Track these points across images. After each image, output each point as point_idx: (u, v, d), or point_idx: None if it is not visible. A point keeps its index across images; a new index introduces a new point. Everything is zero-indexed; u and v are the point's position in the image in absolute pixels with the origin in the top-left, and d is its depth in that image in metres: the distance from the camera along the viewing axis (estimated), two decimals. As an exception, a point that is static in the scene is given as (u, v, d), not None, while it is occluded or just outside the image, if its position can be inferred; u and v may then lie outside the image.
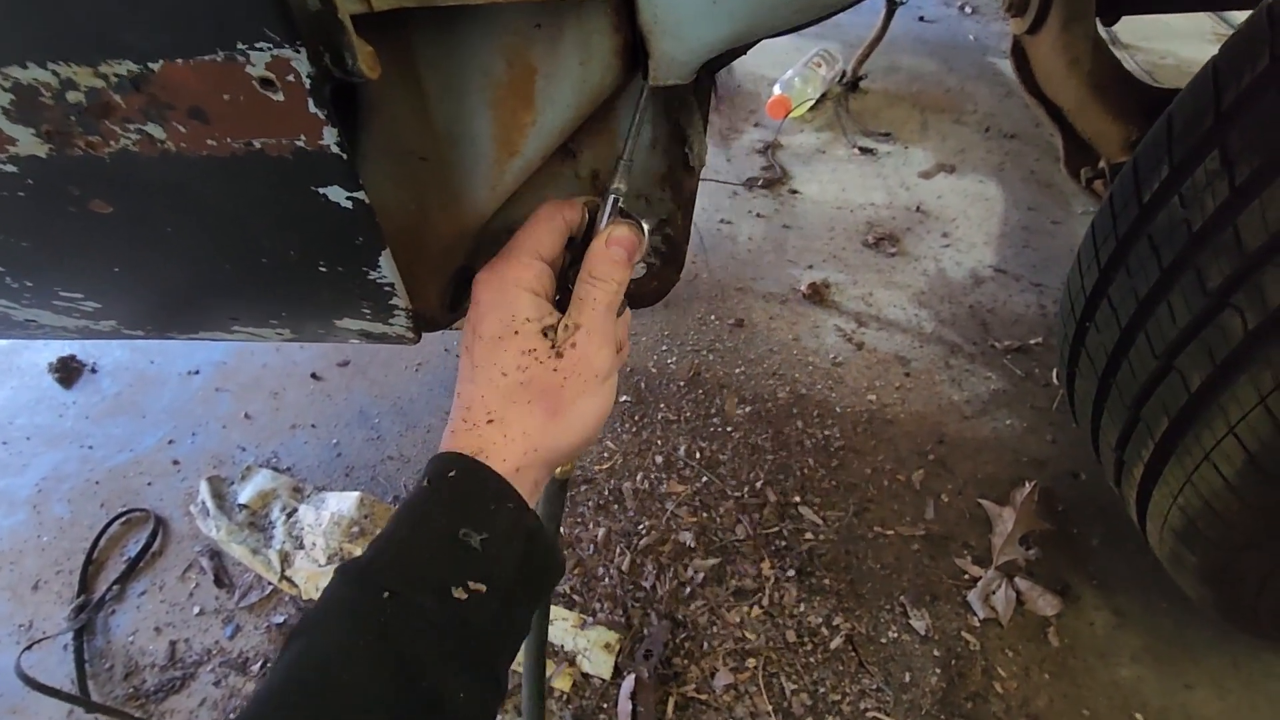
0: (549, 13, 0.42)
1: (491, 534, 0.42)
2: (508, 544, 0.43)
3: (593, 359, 0.47)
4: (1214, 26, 2.76)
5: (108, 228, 0.42)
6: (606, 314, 0.48)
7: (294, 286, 0.49)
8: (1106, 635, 1.13)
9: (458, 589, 0.40)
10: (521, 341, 0.47)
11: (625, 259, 0.49)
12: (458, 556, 0.41)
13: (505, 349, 0.46)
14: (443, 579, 0.40)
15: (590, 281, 0.48)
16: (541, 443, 0.46)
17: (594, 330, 0.47)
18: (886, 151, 2.16)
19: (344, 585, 0.41)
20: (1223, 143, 0.68)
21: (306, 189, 0.38)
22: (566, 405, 0.47)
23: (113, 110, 0.33)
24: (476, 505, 0.43)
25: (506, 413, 0.46)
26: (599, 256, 0.49)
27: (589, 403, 0.47)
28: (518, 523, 0.44)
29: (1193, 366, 0.72)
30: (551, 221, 0.50)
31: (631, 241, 0.50)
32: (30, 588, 1.19)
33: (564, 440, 0.47)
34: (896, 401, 1.46)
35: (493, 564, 0.42)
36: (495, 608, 0.41)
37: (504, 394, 0.46)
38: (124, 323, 0.57)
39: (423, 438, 1.39)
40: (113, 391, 1.48)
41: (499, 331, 0.47)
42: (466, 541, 0.41)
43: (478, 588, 0.40)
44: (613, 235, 0.49)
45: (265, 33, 0.30)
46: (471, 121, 0.47)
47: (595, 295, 0.48)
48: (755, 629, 1.12)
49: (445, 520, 0.42)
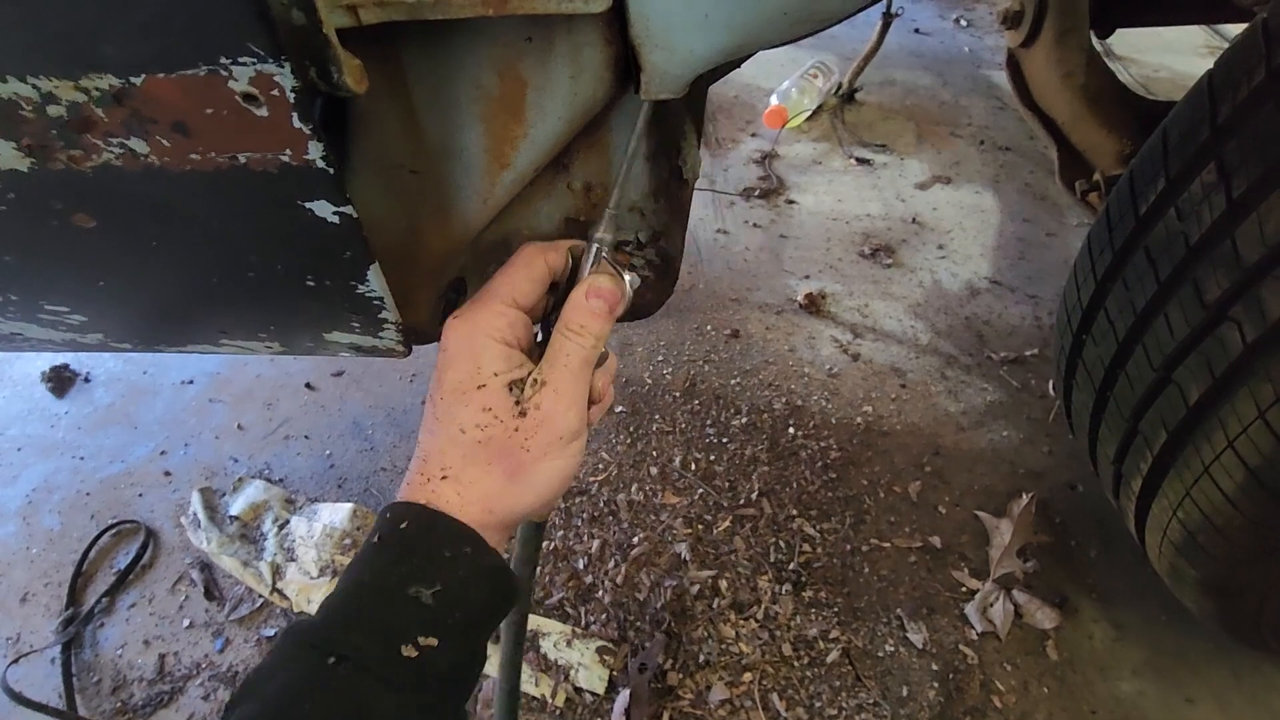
0: (540, 26, 0.42)
1: (446, 584, 0.40)
2: (466, 589, 0.41)
3: (558, 421, 0.45)
4: (1208, 39, 2.78)
5: (92, 241, 0.41)
6: (580, 370, 0.46)
7: (282, 300, 0.49)
8: (1106, 648, 1.12)
9: (407, 647, 0.38)
10: (484, 397, 0.44)
11: (605, 311, 0.47)
12: (409, 613, 0.39)
13: (467, 404, 0.44)
14: (393, 638, 0.38)
15: (566, 334, 0.46)
16: (498, 505, 0.44)
17: (562, 390, 0.45)
18: (882, 163, 2.17)
19: (292, 648, 0.39)
20: (1219, 156, 0.68)
21: (292, 203, 0.38)
22: (527, 468, 0.44)
23: (94, 124, 0.33)
24: (429, 556, 0.41)
25: (463, 471, 0.44)
26: (578, 308, 0.46)
27: (551, 465, 0.45)
28: (477, 565, 0.42)
29: (1191, 379, 0.72)
30: (531, 267, 0.48)
31: (613, 294, 0.47)
32: (18, 600, 1.17)
33: (522, 503, 0.45)
34: (893, 413, 1.46)
35: (448, 614, 0.40)
36: (451, 656, 0.40)
37: (462, 451, 0.44)
38: (111, 336, 0.56)
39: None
40: (105, 402, 1.47)
41: (463, 384, 0.45)
42: (418, 597, 0.39)
43: (429, 643, 0.39)
44: (593, 286, 0.47)
45: (248, 47, 0.29)
46: (462, 135, 0.47)
47: (569, 350, 0.46)
48: (751, 643, 1.11)
49: (396, 576, 0.40)
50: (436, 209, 0.52)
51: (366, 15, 0.36)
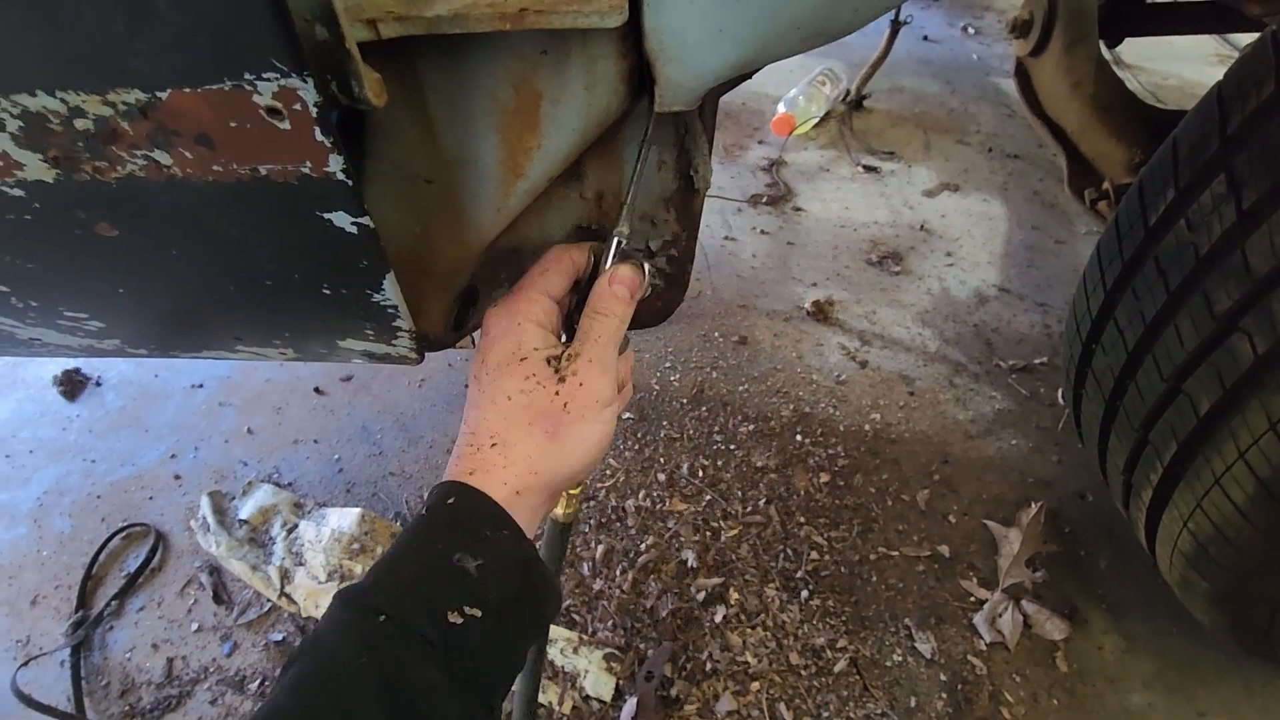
0: (555, 39, 0.43)
1: (487, 560, 0.43)
2: (504, 571, 0.43)
3: (594, 385, 0.48)
4: (1217, 48, 2.78)
5: (113, 250, 0.42)
6: (609, 345, 0.50)
7: (298, 309, 0.49)
8: (1116, 660, 1.11)
9: (453, 613, 0.40)
10: (526, 367, 0.48)
11: (627, 296, 0.52)
12: (454, 581, 0.41)
13: (510, 374, 0.48)
14: (438, 603, 0.40)
15: (593, 316, 0.50)
16: (542, 465, 0.47)
17: (596, 359, 0.49)
18: (890, 170, 2.17)
19: (342, 609, 0.41)
20: (1229, 167, 0.68)
21: (311, 214, 0.38)
22: (567, 429, 0.47)
23: (120, 137, 0.33)
24: (473, 532, 0.44)
25: (509, 434, 0.47)
26: (602, 293, 0.51)
27: (590, 428, 0.48)
28: (514, 551, 0.45)
29: (1202, 390, 0.71)
30: (559, 264, 0.53)
31: (634, 280, 0.52)
32: (29, 602, 1.18)
33: (564, 464, 0.48)
34: (901, 421, 1.45)
35: (488, 590, 0.42)
36: (490, 633, 0.42)
37: (507, 416, 0.48)
38: (127, 342, 0.57)
39: (425, 454, 1.39)
40: (116, 405, 1.48)
41: (507, 359, 0.49)
42: (462, 566, 0.42)
43: (473, 613, 0.41)
44: (616, 274, 0.52)
45: (273, 63, 0.30)
46: (477, 146, 0.47)
47: (598, 328, 0.50)
48: (758, 652, 1.11)
49: (442, 546, 0.43)
50: (451, 218, 0.52)
51: (386, 30, 0.37)
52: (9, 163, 0.35)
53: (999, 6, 3.24)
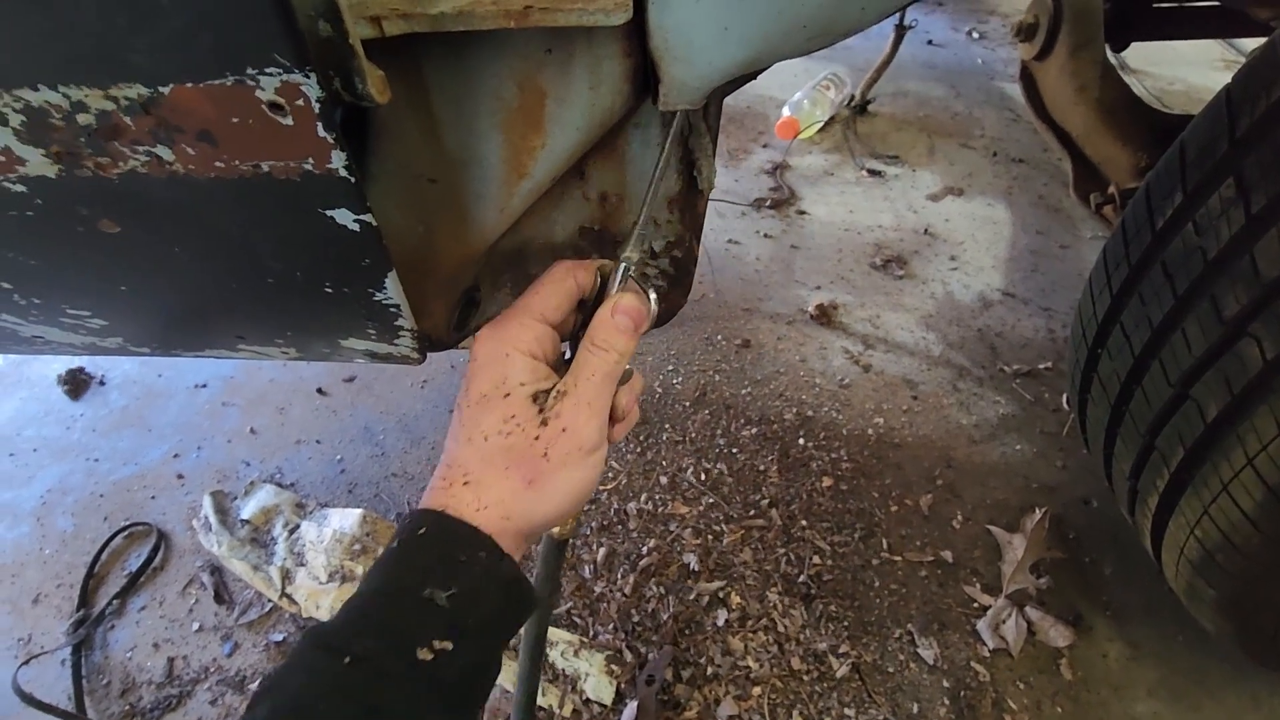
0: (560, 38, 0.42)
1: (461, 587, 0.41)
2: (481, 594, 0.42)
3: (579, 431, 0.45)
4: (1223, 53, 2.77)
5: (115, 247, 0.42)
6: (602, 384, 0.47)
7: (300, 307, 0.49)
8: (1121, 668, 1.10)
9: (423, 649, 0.39)
10: (508, 406, 0.46)
11: (630, 329, 0.48)
12: (425, 615, 0.40)
13: (491, 411, 0.46)
14: (408, 641, 0.39)
15: (591, 349, 0.47)
16: (515, 510, 0.44)
17: (584, 401, 0.46)
18: (894, 174, 2.17)
19: (309, 650, 0.40)
20: (1238, 170, 0.67)
21: (314, 211, 0.38)
22: (545, 476, 0.45)
23: (122, 132, 0.33)
24: (444, 559, 0.42)
25: (483, 476, 0.45)
26: (603, 324, 0.47)
27: (570, 475, 0.45)
28: (491, 572, 0.43)
29: (1209, 396, 0.71)
30: (561, 283, 0.49)
31: (639, 312, 0.48)
32: (31, 601, 1.18)
33: (539, 511, 0.45)
34: (904, 425, 1.45)
35: (463, 618, 0.41)
36: (465, 661, 0.40)
37: (483, 457, 0.45)
38: (130, 340, 0.57)
39: (427, 455, 1.39)
40: (120, 404, 1.48)
41: (488, 393, 0.46)
42: (432, 599, 0.40)
43: (444, 646, 0.39)
44: (620, 304, 0.48)
45: (275, 58, 0.30)
46: (481, 144, 0.47)
47: (594, 364, 0.46)
48: (759, 656, 1.10)
49: (412, 579, 0.41)
50: (454, 218, 0.52)
51: (390, 27, 0.37)
52: (11, 158, 0.35)
53: (1004, 11, 3.24)
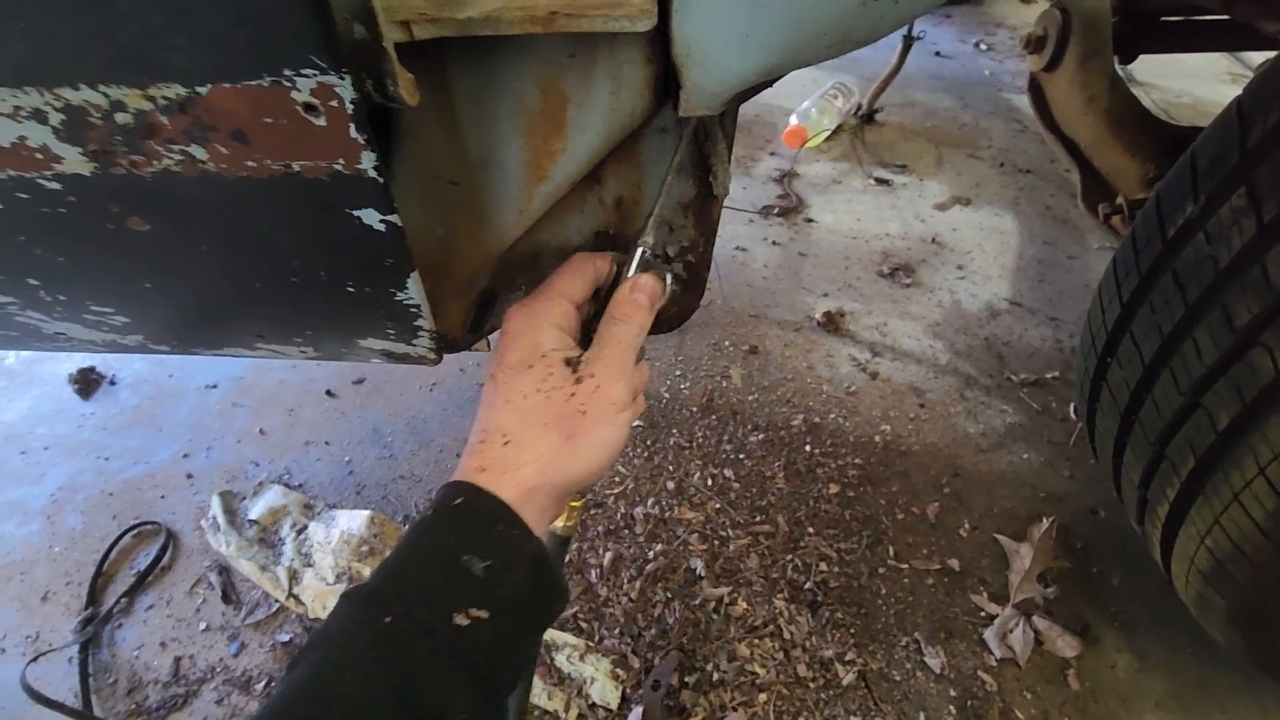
0: (584, 43, 0.43)
1: (495, 560, 0.42)
2: (511, 570, 0.43)
3: (611, 389, 0.48)
4: (1229, 66, 2.77)
5: (143, 245, 0.43)
6: (627, 350, 0.50)
7: (321, 306, 0.50)
8: (1129, 679, 1.09)
9: (460, 615, 0.40)
10: (544, 367, 0.48)
11: (647, 304, 0.52)
12: (461, 582, 0.41)
13: (528, 374, 0.48)
14: (446, 604, 0.40)
15: (612, 321, 0.51)
16: (554, 466, 0.47)
17: (613, 364, 0.49)
18: (902, 183, 2.17)
19: (349, 609, 0.41)
20: (1249, 180, 0.68)
21: (341, 211, 0.39)
22: (582, 430, 0.47)
23: (158, 131, 0.34)
24: (480, 531, 0.44)
25: (524, 433, 0.47)
26: (623, 300, 0.52)
27: (604, 432, 0.48)
28: (521, 549, 0.44)
29: (1221, 405, 0.71)
30: (582, 269, 0.53)
31: (654, 289, 0.53)
32: (39, 598, 1.18)
33: (576, 466, 0.47)
34: (911, 433, 1.45)
35: (496, 589, 0.42)
36: (498, 632, 0.41)
37: (523, 415, 0.47)
38: (151, 338, 0.58)
39: (435, 457, 1.39)
40: (131, 404, 1.49)
41: (525, 358, 0.49)
42: (469, 567, 0.41)
43: (480, 614, 0.40)
44: (637, 282, 0.52)
45: (312, 59, 0.30)
46: (503, 148, 0.48)
47: (616, 333, 0.50)
48: (766, 663, 1.10)
49: (450, 546, 0.42)
50: (473, 220, 0.53)
51: (419, 31, 0.38)
52: (49, 156, 0.36)
53: (1011, 23, 3.25)
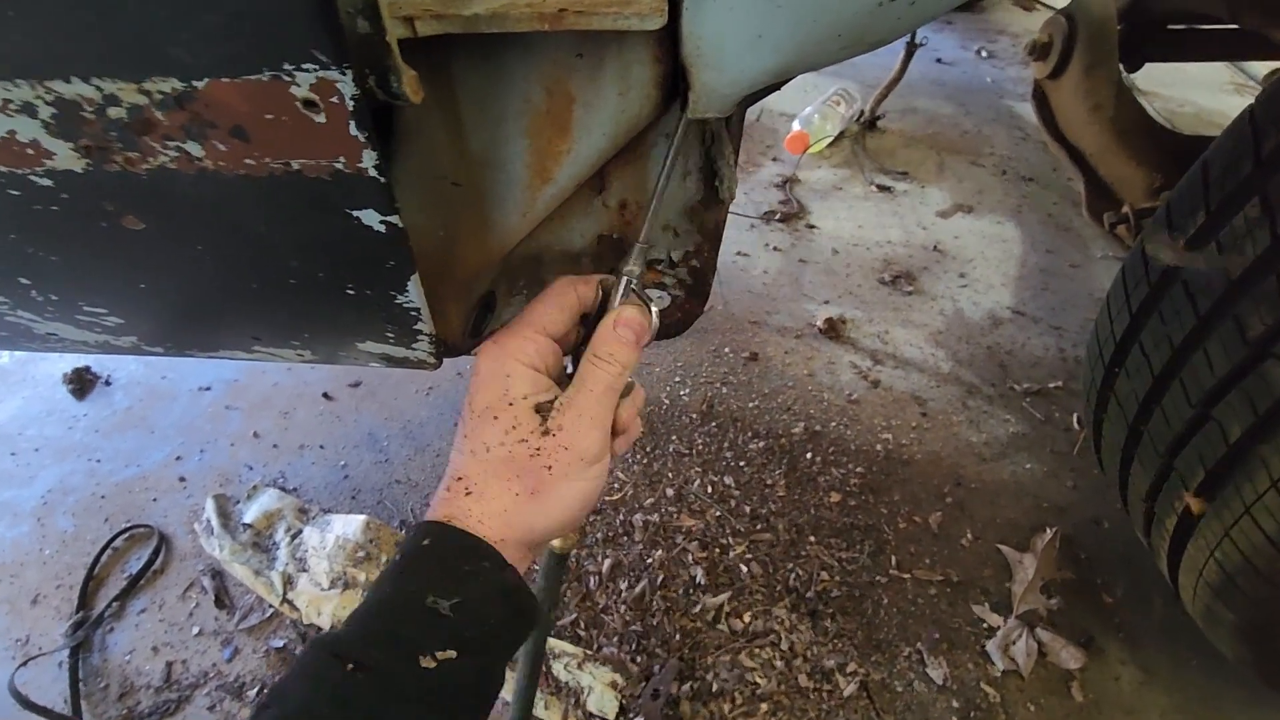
0: (591, 43, 0.42)
1: (465, 596, 0.41)
2: (482, 604, 0.42)
3: (580, 441, 0.46)
4: (1232, 76, 2.78)
5: (137, 244, 0.41)
6: (604, 396, 0.47)
7: (320, 308, 0.49)
8: (1133, 692, 1.08)
9: (426, 658, 0.39)
10: (511, 417, 0.46)
11: (632, 340, 0.48)
12: (428, 625, 0.40)
13: (493, 423, 0.46)
14: (411, 648, 0.39)
15: (593, 361, 0.47)
16: (517, 521, 0.45)
17: (585, 413, 0.46)
18: (903, 190, 2.17)
19: (313, 657, 0.40)
20: (1263, 190, 0.67)
21: (341, 211, 0.38)
22: (547, 487, 0.45)
23: (154, 127, 0.33)
24: (448, 570, 0.42)
25: (486, 487, 0.45)
26: (605, 337, 0.48)
27: (571, 487, 0.46)
28: (494, 582, 0.43)
29: (1232, 417, 0.70)
30: (563, 297, 0.50)
31: (640, 324, 0.49)
32: (29, 602, 1.17)
33: (539, 522, 0.46)
34: (913, 441, 1.44)
35: (465, 628, 0.41)
36: (468, 671, 0.41)
37: (486, 468, 0.46)
38: (145, 339, 0.56)
39: (431, 462, 1.38)
40: (124, 405, 1.48)
41: (491, 405, 0.46)
42: (435, 608, 0.40)
43: (447, 655, 0.39)
44: (621, 316, 0.49)
45: (313, 54, 0.29)
46: (507, 148, 0.47)
47: (596, 376, 0.47)
48: (766, 672, 1.08)
49: (416, 587, 0.41)
50: (475, 221, 0.52)
51: (423, 27, 0.37)
52: (39, 151, 0.35)
53: (1013, 30, 3.26)
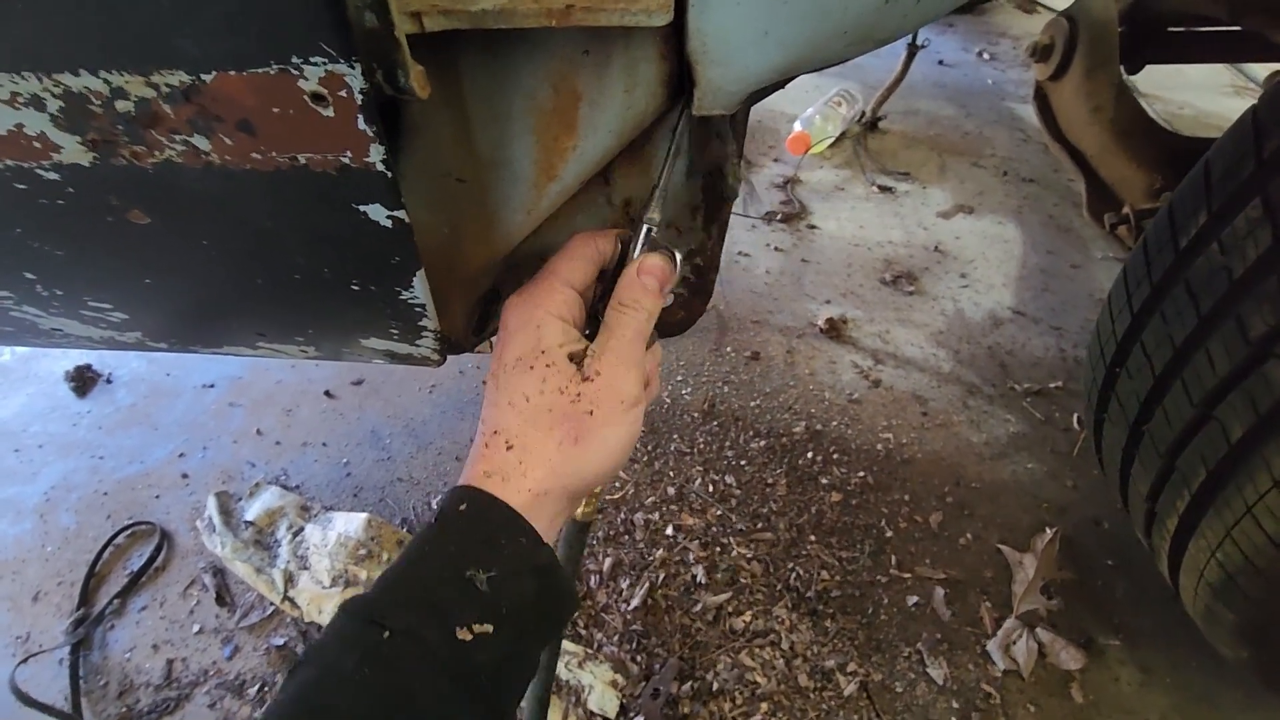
0: (598, 39, 0.42)
1: (500, 571, 0.40)
2: (517, 580, 0.41)
3: (619, 385, 0.45)
4: (1232, 79, 2.78)
5: (143, 238, 0.42)
6: (635, 341, 0.47)
7: (325, 304, 0.49)
8: (1133, 693, 1.08)
9: (463, 630, 0.38)
10: (546, 366, 0.45)
11: (656, 287, 0.48)
12: (463, 595, 0.40)
13: (530, 374, 0.45)
14: (448, 619, 0.39)
15: (619, 308, 0.47)
16: (562, 469, 0.44)
17: (621, 357, 0.46)
18: (905, 191, 2.17)
19: (346, 621, 0.39)
20: (1265, 191, 0.67)
21: (348, 206, 0.38)
22: (590, 432, 0.45)
23: (161, 120, 0.33)
24: (485, 541, 0.42)
25: (527, 439, 0.44)
26: (630, 284, 0.48)
27: (614, 431, 0.45)
28: (529, 558, 0.42)
29: (1234, 417, 0.70)
30: (584, 251, 0.49)
31: (664, 271, 0.49)
32: (31, 598, 1.17)
33: (586, 469, 0.45)
34: (914, 441, 1.44)
35: (501, 603, 0.40)
36: (503, 647, 0.40)
37: (526, 419, 0.45)
38: (149, 335, 0.57)
39: (434, 460, 1.38)
40: (127, 402, 1.48)
41: (524, 356, 0.46)
42: (473, 579, 0.40)
43: (484, 629, 0.39)
44: (645, 264, 0.48)
45: (321, 47, 0.29)
46: (513, 145, 0.47)
47: (624, 321, 0.47)
48: (767, 672, 1.08)
49: (453, 558, 0.41)
50: (480, 218, 0.52)
51: (430, 23, 0.37)
52: (46, 145, 0.35)
53: (1014, 33, 3.26)
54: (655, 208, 0.50)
